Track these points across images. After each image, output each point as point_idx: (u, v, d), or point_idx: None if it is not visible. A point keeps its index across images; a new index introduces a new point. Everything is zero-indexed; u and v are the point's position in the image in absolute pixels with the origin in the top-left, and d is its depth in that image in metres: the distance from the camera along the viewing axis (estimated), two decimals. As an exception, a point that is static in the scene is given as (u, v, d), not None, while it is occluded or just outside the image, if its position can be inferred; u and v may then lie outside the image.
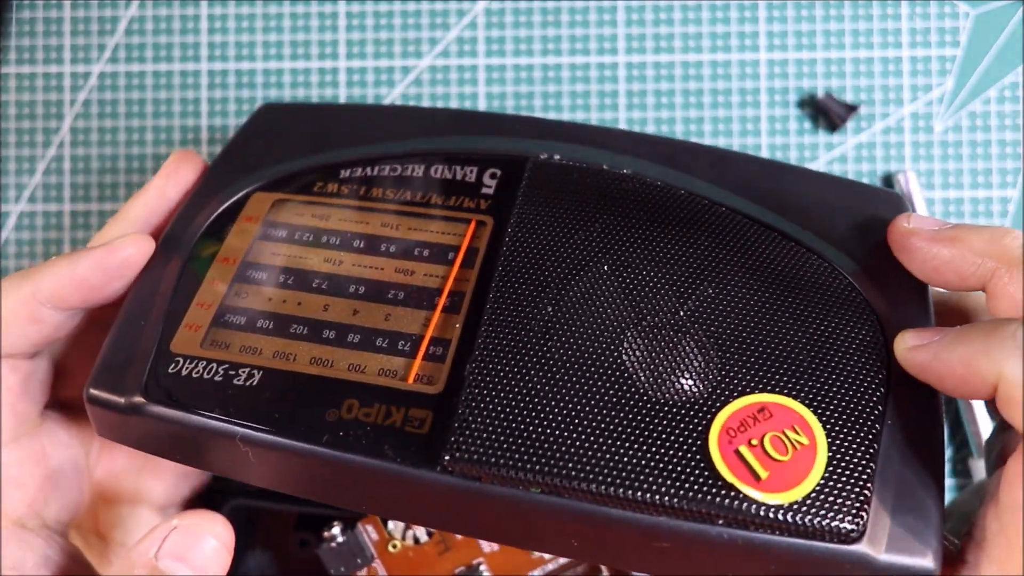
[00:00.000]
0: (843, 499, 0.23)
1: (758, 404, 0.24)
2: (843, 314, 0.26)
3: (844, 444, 0.24)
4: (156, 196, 0.31)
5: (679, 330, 0.26)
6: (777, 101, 0.40)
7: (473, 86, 0.41)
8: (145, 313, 0.28)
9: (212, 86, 0.41)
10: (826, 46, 0.40)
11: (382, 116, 0.32)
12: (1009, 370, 0.22)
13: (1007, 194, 0.40)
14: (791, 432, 0.24)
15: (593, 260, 0.27)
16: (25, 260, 0.41)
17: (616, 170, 0.29)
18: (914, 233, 0.26)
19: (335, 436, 0.25)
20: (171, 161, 0.31)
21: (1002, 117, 0.40)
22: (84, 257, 0.28)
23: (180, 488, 0.32)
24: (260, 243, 0.29)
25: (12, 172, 0.42)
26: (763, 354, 0.25)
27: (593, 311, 0.26)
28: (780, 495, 0.23)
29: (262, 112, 0.33)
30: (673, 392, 0.25)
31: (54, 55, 0.42)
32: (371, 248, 0.28)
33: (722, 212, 0.28)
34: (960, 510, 0.33)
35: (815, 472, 0.23)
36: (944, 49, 0.40)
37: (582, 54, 0.41)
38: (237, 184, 0.30)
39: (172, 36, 0.42)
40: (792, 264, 0.27)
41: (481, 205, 0.29)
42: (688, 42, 0.40)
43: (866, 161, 0.40)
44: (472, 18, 0.41)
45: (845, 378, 0.25)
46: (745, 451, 0.24)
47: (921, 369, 0.25)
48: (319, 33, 0.41)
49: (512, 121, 0.31)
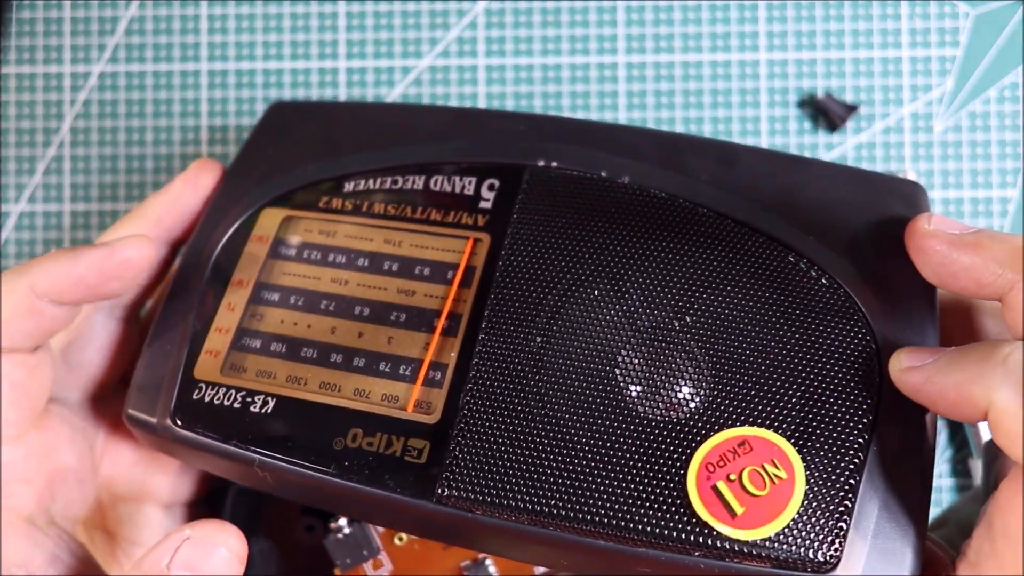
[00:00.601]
0: (817, 532, 0.24)
1: (739, 438, 0.25)
2: (837, 336, 0.26)
3: (823, 477, 0.24)
4: (173, 199, 0.31)
5: (670, 354, 0.26)
6: (777, 101, 0.40)
7: (473, 86, 0.41)
8: (172, 336, 0.29)
9: (212, 86, 0.41)
10: (826, 46, 0.40)
11: (387, 117, 0.33)
12: (1000, 398, 0.22)
13: (1007, 194, 0.40)
14: (770, 466, 0.24)
15: (586, 280, 0.27)
16: (25, 260, 0.41)
17: (615, 178, 0.29)
18: (934, 236, 0.25)
19: (340, 464, 0.26)
20: (193, 168, 0.32)
21: (1002, 117, 0.40)
22: (84, 254, 0.28)
23: (185, 483, 0.32)
24: (271, 263, 0.30)
25: (12, 172, 0.42)
26: (750, 383, 0.25)
27: (584, 337, 0.27)
28: (753, 531, 0.24)
29: (274, 112, 0.33)
30: (657, 425, 0.25)
31: (54, 55, 0.42)
32: (375, 267, 0.29)
33: (722, 224, 0.28)
34: (956, 517, 0.33)
35: (791, 507, 0.24)
36: (944, 49, 0.40)
37: (582, 54, 0.41)
38: (250, 196, 0.31)
39: (172, 36, 0.42)
40: (791, 282, 0.27)
41: (479, 221, 0.29)
42: (688, 42, 0.40)
43: (866, 161, 0.40)
44: (472, 18, 0.41)
45: (831, 409, 0.25)
46: (723, 486, 0.24)
47: (914, 391, 0.24)
48: (319, 33, 0.41)
49: (516, 119, 0.31)
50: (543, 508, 0.25)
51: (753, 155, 0.29)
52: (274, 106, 0.34)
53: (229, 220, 0.31)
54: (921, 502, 0.24)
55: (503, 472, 0.25)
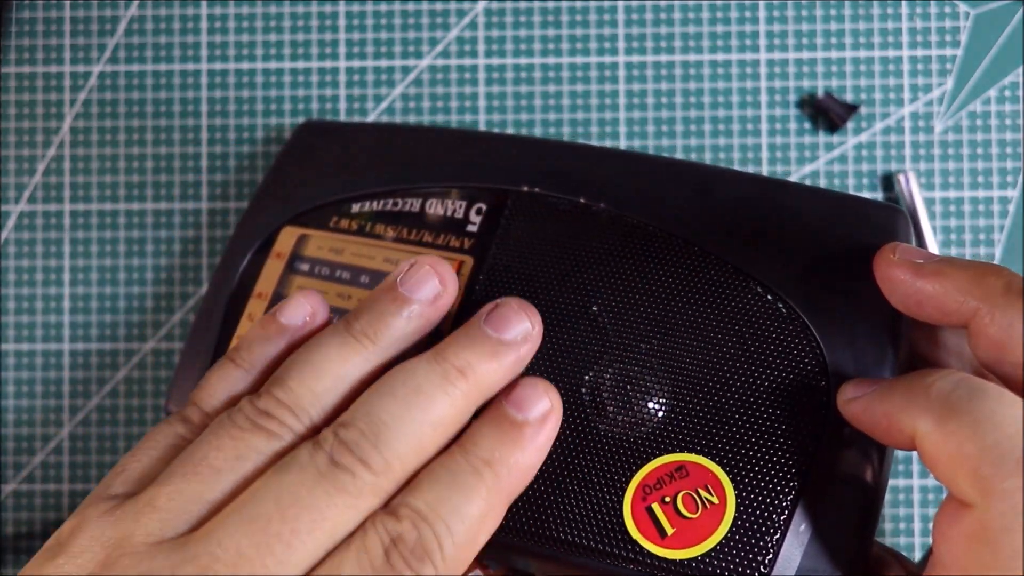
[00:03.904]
0: (743, 556, 0.25)
1: (677, 463, 0.26)
2: (788, 366, 0.27)
3: (754, 504, 0.26)
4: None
5: (634, 376, 0.28)
6: (777, 101, 0.40)
7: (473, 86, 0.41)
8: (203, 341, 0.33)
9: (212, 86, 0.41)
10: (826, 46, 0.40)
11: (397, 140, 0.35)
12: (921, 426, 0.23)
13: (1007, 194, 0.40)
14: (703, 491, 0.26)
15: (558, 301, 0.29)
16: (25, 260, 0.41)
17: (591, 204, 0.30)
18: (899, 265, 0.26)
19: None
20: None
21: (1002, 117, 0.40)
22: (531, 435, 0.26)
23: None
24: (288, 277, 0.33)
25: (12, 172, 0.42)
26: (700, 409, 0.27)
27: (553, 356, 0.28)
28: (681, 552, 0.25)
29: (302, 131, 0.37)
30: (606, 444, 0.27)
31: (54, 55, 0.42)
32: (375, 284, 0.32)
33: (691, 251, 0.29)
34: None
35: (719, 530, 0.25)
36: (944, 49, 0.40)
37: (582, 54, 0.41)
38: (274, 214, 0.35)
39: (172, 36, 0.42)
40: (751, 311, 0.28)
41: (465, 244, 0.31)
42: (688, 42, 0.40)
43: (866, 161, 0.40)
44: (472, 18, 0.41)
45: (771, 438, 0.26)
46: (656, 508, 0.26)
47: (855, 420, 0.25)
48: (319, 33, 0.41)
49: (510, 143, 0.33)
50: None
51: (729, 180, 0.30)
52: (303, 125, 0.37)
53: (255, 237, 0.34)
54: (861, 528, 0.25)
55: None
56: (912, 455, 0.39)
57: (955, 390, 0.23)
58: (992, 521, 0.21)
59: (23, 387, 0.41)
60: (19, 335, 0.41)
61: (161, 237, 0.41)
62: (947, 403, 0.22)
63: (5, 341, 0.41)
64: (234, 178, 0.41)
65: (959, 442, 0.22)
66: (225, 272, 0.34)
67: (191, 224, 0.41)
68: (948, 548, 0.22)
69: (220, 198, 0.41)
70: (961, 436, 0.22)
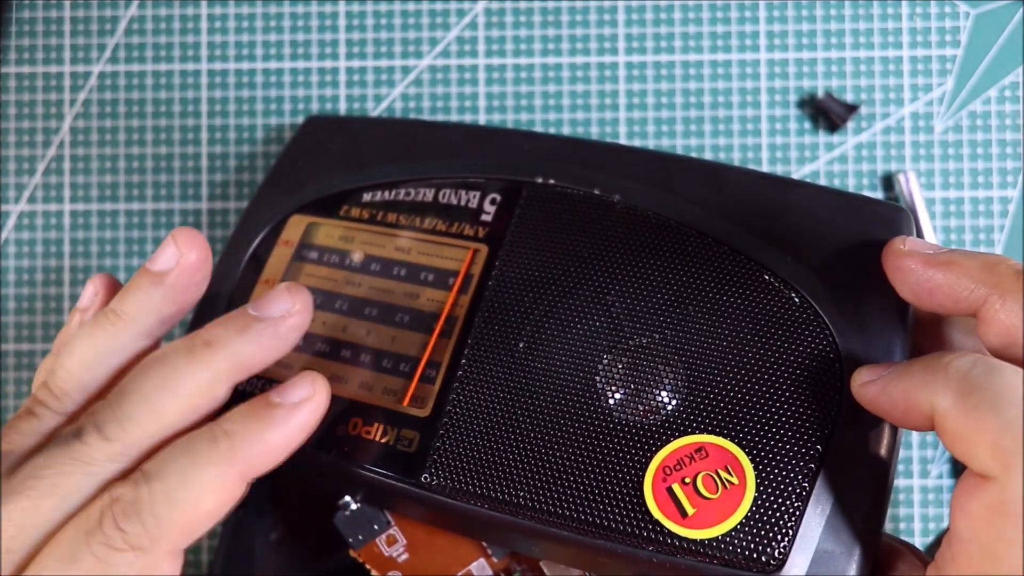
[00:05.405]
0: (763, 535, 0.26)
1: (697, 444, 0.27)
2: (803, 352, 0.27)
3: (773, 484, 0.26)
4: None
5: (648, 364, 0.28)
6: (777, 101, 0.40)
7: (473, 86, 0.41)
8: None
9: (212, 86, 0.41)
10: (826, 46, 0.40)
11: (407, 133, 0.35)
12: (940, 402, 0.23)
13: (1007, 194, 0.40)
14: (723, 472, 0.26)
15: (573, 291, 0.29)
16: (25, 260, 0.41)
17: (606, 196, 0.31)
18: (909, 255, 0.26)
19: (341, 449, 0.29)
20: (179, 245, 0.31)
21: (1002, 117, 0.40)
22: (274, 416, 0.26)
23: None
24: (295, 264, 0.33)
25: (12, 172, 0.42)
26: (717, 394, 0.27)
27: (568, 344, 0.29)
28: (702, 531, 0.26)
29: (308, 126, 0.36)
30: (625, 429, 0.27)
31: (54, 55, 0.42)
32: (385, 272, 0.32)
33: (704, 242, 0.29)
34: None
35: (740, 510, 0.26)
36: (944, 49, 0.40)
37: (582, 54, 0.41)
38: (280, 203, 0.34)
39: (172, 36, 0.42)
40: (764, 300, 0.28)
41: (479, 233, 0.31)
42: (688, 42, 0.40)
43: (866, 161, 0.40)
44: (472, 18, 0.41)
45: (788, 421, 0.27)
46: (677, 488, 0.26)
47: (870, 403, 0.26)
48: (319, 33, 0.41)
49: (521, 137, 0.34)
50: (514, 499, 0.27)
51: (740, 176, 0.31)
52: (309, 120, 0.37)
53: (261, 225, 0.34)
54: (875, 509, 0.26)
55: (481, 464, 0.28)
56: (912, 456, 0.39)
57: (973, 368, 0.23)
58: (1013, 492, 0.21)
59: (23, 387, 0.41)
60: (19, 335, 0.41)
61: (161, 237, 0.41)
62: (966, 379, 0.23)
63: (5, 341, 0.41)
64: (234, 178, 0.41)
65: (979, 416, 0.22)
66: (230, 258, 0.34)
67: (191, 224, 0.41)
68: (968, 523, 0.23)
69: (220, 198, 0.41)
70: (981, 410, 0.22)
